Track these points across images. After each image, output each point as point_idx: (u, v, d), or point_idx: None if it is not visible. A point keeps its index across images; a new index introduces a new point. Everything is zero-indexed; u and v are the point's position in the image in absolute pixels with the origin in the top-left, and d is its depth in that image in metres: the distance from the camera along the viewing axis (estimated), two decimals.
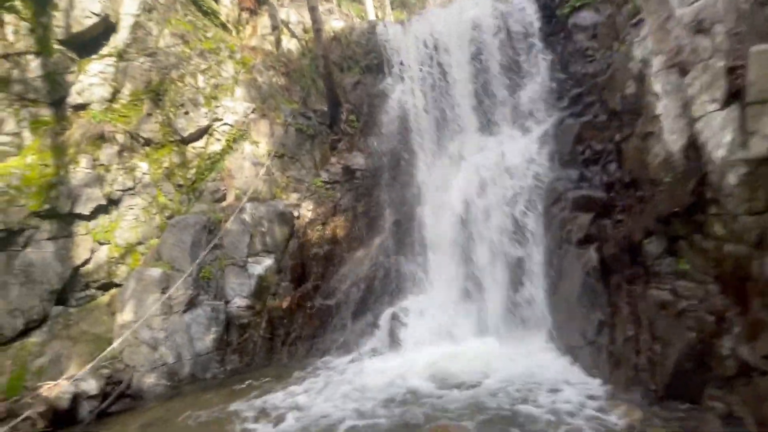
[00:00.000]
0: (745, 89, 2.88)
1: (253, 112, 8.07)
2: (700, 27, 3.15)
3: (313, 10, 7.64)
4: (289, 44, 9.94)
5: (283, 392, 5.01)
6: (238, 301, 6.61)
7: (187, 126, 7.38)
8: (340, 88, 8.93)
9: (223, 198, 7.39)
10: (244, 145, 7.85)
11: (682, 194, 3.43)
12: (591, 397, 3.63)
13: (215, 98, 7.82)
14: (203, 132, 7.59)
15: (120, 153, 6.67)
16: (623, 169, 4.46)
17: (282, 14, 10.06)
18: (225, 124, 7.74)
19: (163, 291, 6.12)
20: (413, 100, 8.14)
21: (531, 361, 4.58)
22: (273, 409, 4.58)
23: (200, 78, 7.73)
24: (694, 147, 3.36)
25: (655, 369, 3.36)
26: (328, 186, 8.40)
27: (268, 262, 6.92)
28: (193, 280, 6.34)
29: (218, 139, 7.67)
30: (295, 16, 10.15)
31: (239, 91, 8.22)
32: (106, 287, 6.57)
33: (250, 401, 4.89)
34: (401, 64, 8.72)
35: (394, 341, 6.00)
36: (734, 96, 2.96)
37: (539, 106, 6.73)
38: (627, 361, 3.64)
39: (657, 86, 3.79)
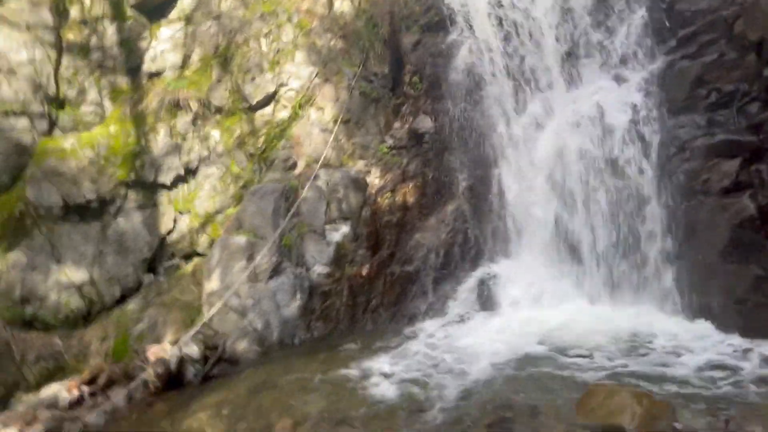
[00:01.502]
0: None
1: (316, 76, 7.77)
2: None
3: None
4: (342, 6, 9.47)
5: (385, 355, 4.93)
6: (319, 269, 6.54)
7: (254, 92, 7.18)
8: (400, 49, 8.47)
9: (294, 166, 7.24)
10: (310, 111, 7.62)
11: None
12: (741, 355, 3.33)
13: (278, 63, 7.56)
14: (270, 98, 7.38)
15: (194, 121, 6.58)
16: None
17: None
18: (290, 89, 7.49)
19: (249, 259, 6.10)
20: (484, 56, 7.60)
21: (653, 325, 4.27)
22: (376, 374, 4.50)
23: (263, 42, 7.46)
24: None
25: None
26: (394, 152, 8.10)
27: (345, 229, 6.79)
28: (277, 247, 6.28)
29: (285, 106, 7.46)
30: None
31: (300, 56, 7.91)
32: (189, 256, 6.63)
33: (353, 364, 4.82)
34: (467, 18, 8.15)
35: (486, 305, 5.80)
36: None
37: (638, 51, 6.10)
38: None
39: None
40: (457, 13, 8.35)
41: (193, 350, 5.32)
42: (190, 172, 6.56)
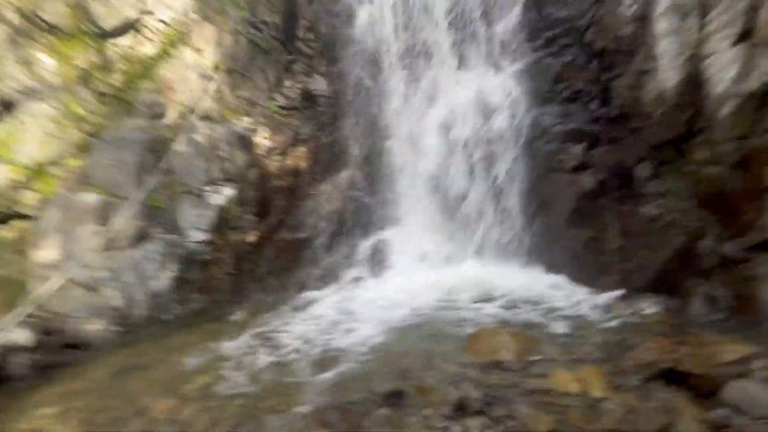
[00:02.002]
0: (754, 29, 3.37)
1: (194, 11, 6.59)
2: None
3: None
4: None
5: (274, 323, 4.71)
6: (197, 235, 5.77)
7: (106, 15, 5.70)
8: (294, 0, 7.81)
9: (164, 114, 6.09)
10: (185, 51, 6.46)
11: (676, 124, 4.00)
12: (581, 299, 4.27)
13: None
14: (129, 26, 5.97)
15: (12, 39, 4.89)
16: (610, 106, 4.96)
17: None
18: (158, 20, 6.19)
19: (101, 222, 4.98)
20: (383, 22, 7.58)
21: (519, 279, 5.10)
22: (270, 340, 4.29)
23: None
24: (693, 83, 3.87)
25: (642, 271, 4.04)
26: (285, 112, 7.59)
27: (229, 191, 6.10)
28: (142, 209, 5.27)
29: (150, 40, 6.15)
30: None
31: None
32: (6, 219, 5.06)
33: (238, 335, 4.46)
34: None
35: (378, 269, 6.03)
36: (744, 36, 3.46)
37: (513, 44, 6.92)
38: (613, 268, 4.31)
39: (659, 28, 4.19)
40: None
41: (21, 336, 4.16)
42: (6, 107, 4.90)
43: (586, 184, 4.63)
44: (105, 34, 5.75)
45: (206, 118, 6.30)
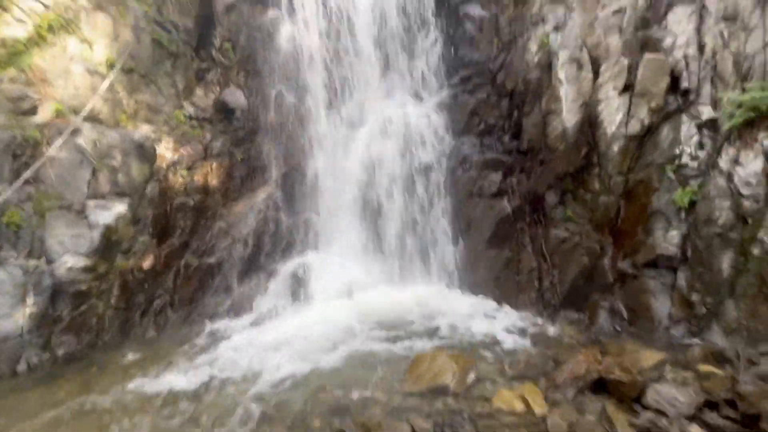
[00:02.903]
0: (635, 83, 4.07)
1: None
2: (613, 28, 4.24)
3: None
4: None
5: (174, 367, 3.93)
6: (71, 261, 4.66)
7: None
8: (212, 7, 7.27)
9: (34, 111, 4.94)
10: (67, 40, 5.43)
11: (576, 158, 4.57)
12: (504, 317, 4.48)
13: None
14: None
15: None
16: (520, 139, 5.50)
17: None
18: (36, 0, 5.13)
19: None
20: (309, 42, 7.45)
21: (446, 301, 5.16)
22: (169, 389, 3.52)
23: None
24: (589, 123, 4.50)
25: (554, 289, 4.41)
26: (195, 123, 6.85)
27: (120, 208, 5.13)
28: None
29: (21, 21, 5.04)
30: None
31: None
32: None
33: (126, 385, 3.60)
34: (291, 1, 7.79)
35: (298, 297, 5.57)
36: (627, 88, 4.15)
37: (432, 79, 7.38)
38: (530, 287, 4.64)
39: (562, 74, 4.84)
40: None
41: None
42: None
43: (504, 209, 4.97)
44: None
45: (95, 120, 5.29)
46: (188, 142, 6.60)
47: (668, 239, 3.71)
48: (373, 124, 6.83)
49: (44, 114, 5.02)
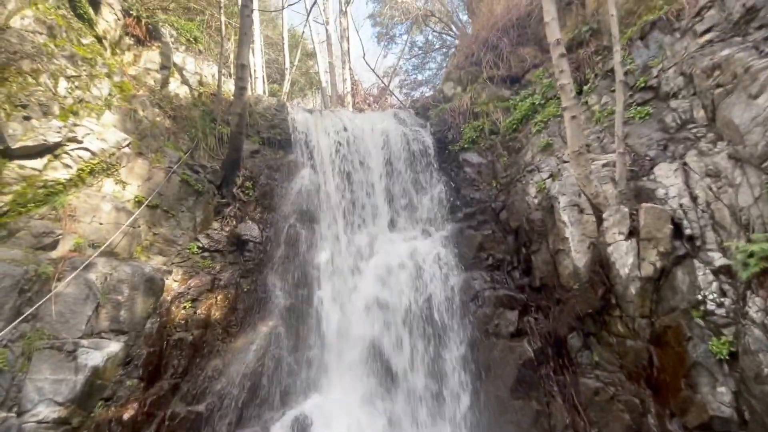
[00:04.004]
0: (639, 229, 4.24)
1: (128, 146, 6.36)
2: (606, 178, 4.61)
3: (242, 68, 7.17)
4: (179, 90, 8.74)
5: None
6: (44, 412, 4.13)
7: (22, 135, 5.12)
8: (239, 151, 8.15)
9: (54, 246, 5.05)
10: (104, 182, 5.90)
11: (594, 299, 4.46)
12: None
13: (75, 114, 5.87)
14: (46, 150, 5.38)
15: None
16: (532, 276, 5.48)
17: (176, 58, 8.99)
18: (84, 148, 5.75)
19: None
20: (324, 183, 8.13)
21: None
22: None
23: (62, 83, 5.78)
24: (601, 264, 4.53)
25: None
26: (206, 254, 6.95)
27: (113, 347, 4.79)
28: None
29: (67, 166, 5.55)
30: (193, 66, 9.23)
31: (110, 117, 6.46)
32: None
33: None
34: (308, 146, 8.82)
35: None
36: (632, 233, 4.30)
37: (437, 215, 7.81)
38: None
39: (565, 217, 5.10)
40: (301, 139, 9.01)
41: None
42: None
43: (526, 352, 4.64)
44: (11, 153, 5.04)
45: (110, 254, 5.37)
46: (197, 273, 6.59)
47: (718, 397, 3.34)
48: (382, 257, 6.92)
49: (63, 248, 5.12)
